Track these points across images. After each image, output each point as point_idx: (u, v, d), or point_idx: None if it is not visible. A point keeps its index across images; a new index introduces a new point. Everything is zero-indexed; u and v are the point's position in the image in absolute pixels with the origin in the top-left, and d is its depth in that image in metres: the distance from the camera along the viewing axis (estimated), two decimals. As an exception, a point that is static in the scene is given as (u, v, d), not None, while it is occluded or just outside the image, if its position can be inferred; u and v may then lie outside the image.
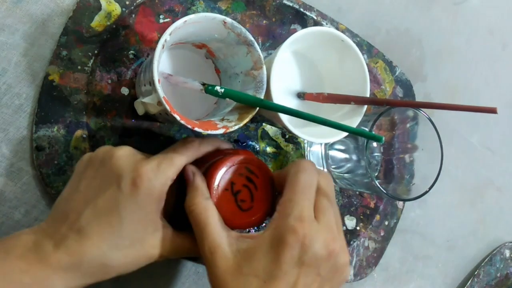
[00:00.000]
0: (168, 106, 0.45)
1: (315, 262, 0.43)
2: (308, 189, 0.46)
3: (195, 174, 0.48)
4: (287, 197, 0.45)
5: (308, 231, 0.42)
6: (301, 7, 0.67)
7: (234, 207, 0.49)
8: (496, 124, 0.86)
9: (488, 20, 0.86)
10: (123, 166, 0.44)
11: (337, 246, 0.44)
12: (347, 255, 0.46)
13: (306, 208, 0.44)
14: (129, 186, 0.43)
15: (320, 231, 0.44)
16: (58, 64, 0.53)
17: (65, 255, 0.42)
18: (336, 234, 0.45)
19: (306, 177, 0.46)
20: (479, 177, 0.85)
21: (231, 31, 0.50)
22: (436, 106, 0.52)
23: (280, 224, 0.43)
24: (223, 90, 0.49)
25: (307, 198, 0.45)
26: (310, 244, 0.42)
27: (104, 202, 0.44)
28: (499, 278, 0.84)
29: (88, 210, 0.44)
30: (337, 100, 0.57)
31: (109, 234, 0.43)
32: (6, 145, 0.52)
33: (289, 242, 0.42)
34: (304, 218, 0.43)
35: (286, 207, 0.44)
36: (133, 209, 0.44)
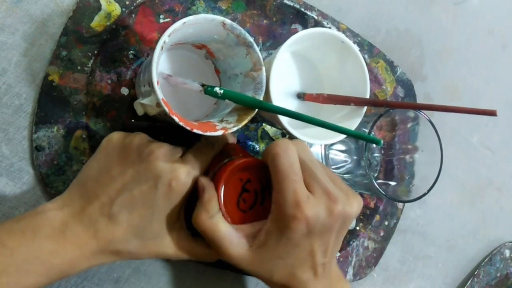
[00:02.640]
0: (167, 108, 0.45)
1: (325, 228, 0.46)
2: (291, 171, 0.46)
3: (204, 190, 0.48)
4: (275, 187, 0.46)
5: (308, 211, 0.44)
6: (301, 7, 0.67)
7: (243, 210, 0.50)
8: (496, 124, 0.86)
9: (488, 20, 0.86)
10: (162, 167, 0.47)
11: (339, 206, 0.46)
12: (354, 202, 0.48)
13: (297, 189, 0.45)
14: (166, 187, 0.46)
15: (319, 202, 0.46)
16: (58, 64, 0.53)
17: (94, 239, 0.45)
18: (336, 192, 0.47)
19: (284, 160, 0.46)
20: (479, 177, 0.85)
21: (230, 32, 0.50)
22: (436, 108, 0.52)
23: (280, 215, 0.46)
24: (223, 91, 0.48)
25: (293, 180, 0.45)
26: (315, 220, 0.45)
27: (140, 195, 0.46)
28: (499, 278, 0.85)
29: (122, 198, 0.46)
30: (337, 101, 0.57)
31: (138, 226, 0.46)
32: (6, 145, 0.52)
33: (294, 227, 0.45)
34: (299, 200, 0.45)
35: (279, 197, 0.46)
36: (164, 207, 0.48)
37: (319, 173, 0.47)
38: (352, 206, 0.48)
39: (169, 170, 0.47)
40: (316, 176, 0.47)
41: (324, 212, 0.45)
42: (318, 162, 0.49)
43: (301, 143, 0.49)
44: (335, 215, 0.46)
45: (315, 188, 0.46)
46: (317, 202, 0.45)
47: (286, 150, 0.46)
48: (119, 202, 0.46)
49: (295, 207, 0.44)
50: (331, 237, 0.47)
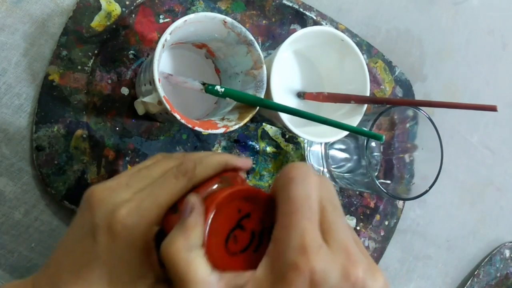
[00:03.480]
0: (169, 106, 0.45)
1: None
2: (306, 204, 0.33)
3: (192, 211, 0.34)
4: (280, 221, 0.33)
5: (315, 263, 0.31)
6: (300, 7, 0.67)
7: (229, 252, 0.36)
8: (496, 124, 0.86)
9: (488, 20, 0.86)
10: (97, 209, 0.36)
11: (360, 272, 0.32)
12: (379, 276, 0.34)
13: (309, 231, 0.32)
14: (105, 237, 0.35)
15: (334, 257, 0.32)
16: (58, 64, 0.53)
17: None
18: (357, 255, 0.33)
19: (300, 189, 0.33)
20: (479, 177, 0.85)
21: (231, 30, 0.50)
22: (437, 104, 0.52)
23: (277, 261, 0.32)
24: (223, 89, 0.49)
25: (306, 217, 0.33)
26: (322, 279, 0.31)
27: (81, 256, 0.36)
28: (499, 278, 0.84)
29: (66, 264, 0.37)
30: (337, 99, 0.57)
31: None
32: (6, 145, 0.52)
33: (291, 281, 0.31)
34: (307, 246, 0.31)
35: (281, 235, 0.33)
36: (114, 264, 0.36)
37: (341, 224, 0.34)
38: (376, 280, 0.33)
39: (105, 212, 0.36)
40: (337, 225, 0.34)
41: (337, 274, 0.31)
42: (341, 211, 0.36)
43: (326, 180, 0.36)
44: (351, 282, 0.32)
45: (332, 240, 0.33)
46: (331, 257, 0.32)
47: (306, 177, 0.34)
48: (63, 269, 0.37)
49: (300, 253, 0.31)
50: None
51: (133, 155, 0.57)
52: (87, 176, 0.54)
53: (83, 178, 0.54)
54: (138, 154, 0.57)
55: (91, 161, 0.54)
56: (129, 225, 0.35)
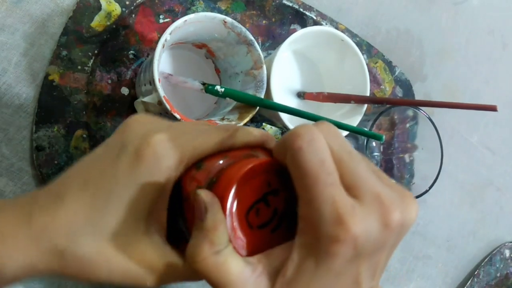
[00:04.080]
0: (169, 106, 0.45)
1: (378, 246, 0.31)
2: (323, 171, 0.30)
3: (207, 209, 0.31)
4: (303, 197, 0.31)
5: (356, 228, 0.29)
6: (300, 7, 0.67)
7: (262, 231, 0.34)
8: (496, 124, 0.86)
9: (488, 20, 0.86)
10: (131, 129, 0.35)
11: (396, 214, 0.31)
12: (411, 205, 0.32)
13: (336, 198, 0.30)
14: (130, 157, 0.33)
15: (369, 212, 0.30)
16: (58, 64, 0.53)
17: (26, 225, 0.32)
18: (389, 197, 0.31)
19: (310, 157, 0.30)
20: (479, 177, 0.85)
21: (231, 30, 0.50)
22: (437, 104, 0.52)
23: (313, 238, 0.30)
24: (224, 89, 0.49)
25: (328, 183, 0.30)
26: (365, 239, 0.30)
27: (98, 169, 0.34)
28: (499, 278, 0.84)
29: (77, 178, 0.34)
30: (337, 99, 0.57)
31: (89, 212, 0.32)
32: (6, 145, 0.52)
33: (337, 252, 0.30)
34: (341, 214, 0.29)
35: (310, 211, 0.30)
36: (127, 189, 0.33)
37: (363, 169, 0.32)
38: (411, 211, 0.32)
39: (140, 135, 0.34)
40: (359, 173, 0.31)
41: (377, 226, 0.30)
42: (356, 152, 0.33)
43: (329, 127, 0.33)
44: (392, 228, 0.31)
45: (361, 192, 0.31)
46: (367, 212, 0.30)
47: (312, 141, 0.31)
48: (72, 179, 0.34)
49: (337, 223, 0.29)
50: (382, 256, 0.33)
51: (133, 155, 0.57)
52: (87, 176, 0.54)
53: (83, 178, 0.54)
54: (138, 154, 0.57)
55: (91, 161, 0.54)
56: (158, 153, 0.33)
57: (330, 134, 0.32)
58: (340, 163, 0.31)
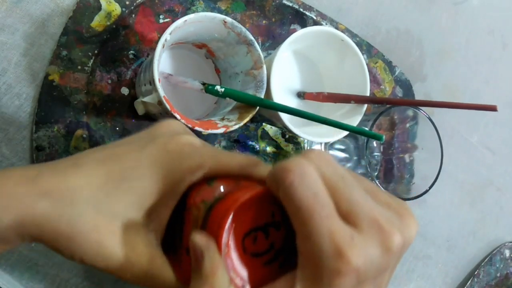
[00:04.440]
0: (169, 106, 0.45)
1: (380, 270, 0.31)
2: (317, 203, 0.30)
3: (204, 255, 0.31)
4: (300, 231, 0.30)
5: (356, 259, 0.29)
6: (300, 7, 0.67)
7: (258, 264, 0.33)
8: (496, 124, 0.86)
9: (488, 20, 0.86)
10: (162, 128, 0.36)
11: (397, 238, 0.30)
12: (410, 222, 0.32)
13: (333, 229, 0.29)
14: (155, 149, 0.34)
15: (369, 240, 0.30)
16: (58, 64, 0.53)
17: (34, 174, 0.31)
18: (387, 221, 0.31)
19: (303, 191, 0.30)
20: (479, 177, 0.85)
21: (231, 30, 0.50)
22: (437, 104, 0.52)
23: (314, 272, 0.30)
24: (224, 89, 0.49)
25: (323, 216, 0.29)
26: (367, 267, 0.29)
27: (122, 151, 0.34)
28: (499, 278, 0.84)
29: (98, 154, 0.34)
30: (337, 99, 0.57)
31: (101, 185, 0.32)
32: (6, 145, 0.52)
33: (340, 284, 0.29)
34: (340, 247, 0.29)
35: (308, 246, 0.30)
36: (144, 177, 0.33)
37: (357, 194, 0.31)
38: (410, 230, 0.31)
39: (171, 132, 0.35)
40: (354, 199, 0.31)
41: (378, 252, 0.30)
42: (350, 176, 0.32)
43: (319, 155, 0.32)
44: (393, 251, 0.30)
45: (358, 219, 0.30)
46: (366, 240, 0.30)
47: (303, 175, 0.30)
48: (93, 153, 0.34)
49: (337, 256, 0.29)
50: (385, 277, 0.32)
51: (133, 155, 0.57)
52: (87, 176, 0.54)
53: (83, 178, 0.54)
54: (138, 154, 0.57)
55: (91, 161, 0.54)
56: (184, 152, 0.34)
57: (322, 162, 0.31)
58: (334, 190, 0.31)
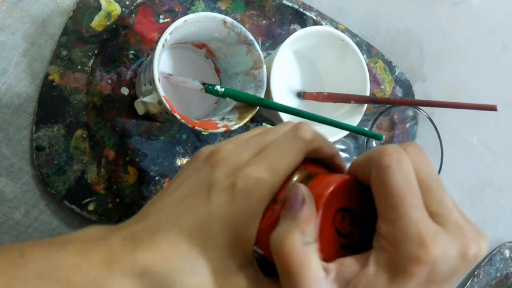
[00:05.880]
0: (169, 105, 0.45)
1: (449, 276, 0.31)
2: (409, 192, 0.31)
3: (305, 201, 0.32)
4: (386, 215, 0.31)
5: (437, 252, 0.30)
6: (300, 7, 0.67)
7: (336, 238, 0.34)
8: (496, 124, 0.86)
9: (488, 20, 0.86)
10: (218, 167, 0.35)
11: (474, 248, 0.31)
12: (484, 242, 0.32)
13: (421, 220, 0.30)
14: (222, 196, 0.34)
15: (451, 240, 0.31)
16: (58, 64, 0.53)
17: (132, 258, 0.32)
18: (470, 231, 0.31)
19: (399, 177, 0.31)
20: (479, 177, 0.85)
21: (231, 30, 0.50)
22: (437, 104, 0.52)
23: (393, 256, 0.31)
24: (224, 89, 0.49)
25: (414, 205, 0.31)
26: (442, 265, 0.30)
27: (190, 210, 0.34)
28: (499, 278, 0.84)
29: (171, 214, 0.35)
30: (337, 99, 0.57)
31: (187, 251, 0.33)
32: (6, 145, 0.52)
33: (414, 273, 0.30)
34: (425, 237, 0.30)
35: (391, 230, 0.31)
36: (223, 226, 0.33)
37: (449, 199, 0.32)
38: (483, 247, 0.32)
39: (229, 171, 0.35)
40: (445, 203, 0.32)
41: (456, 255, 0.30)
42: (440, 179, 0.33)
43: (419, 151, 0.33)
44: (468, 260, 0.31)
45: (446, 221, 0.31)
46: (449, 240, 0.30)
47: (401, 161, 0.31)
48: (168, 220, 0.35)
49: (420, 245, 0.29)
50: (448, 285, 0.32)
51: (133, 155, 0.57)
52: (87, 176, 0.54)
53: (83, 178, 0.54)
54: (138, 154, 0.57)
55: (91, 161, 0.54)
56: (250, 189, 0.33)
57: (420, 158, 0.32)
58: (427, 189, 0.31)
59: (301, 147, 0.36)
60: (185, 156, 0.59)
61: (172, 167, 0.59)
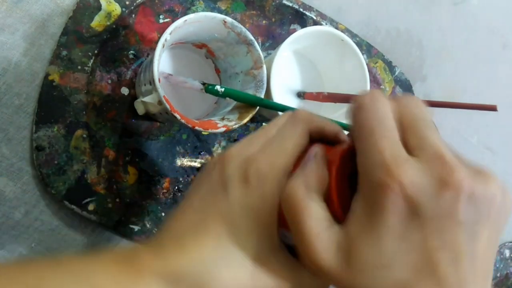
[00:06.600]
0: (169, 105, 0.45)
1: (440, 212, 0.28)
2: (379, 126, 0.30)
3: (316, 157, 0.34)
4: (359, 148, 0.31)
5: (402, 176, 0.28)
6: (300, 7, 0.67)
7: None
8: (496, 124, 0.86)
9: (488, 20, 0.86)
10: (229, 163, 0.36)
11: (461, 174, 0.28)
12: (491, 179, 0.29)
13: (388, 147, 0.29)
14: (239, 188, 0.34)
15: (425, 167, 0.28)
16: (58, 64, 0.53)
17: (162, 263, 0.33)
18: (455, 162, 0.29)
19: (369, 114, 0.31)
20: (479, 177, 0.85)
21: (231, 30, 0.50)
22: (437, 104, 0.52)
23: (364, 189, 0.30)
24: (224, 89, 0.49)
25: (382, 136, 0.30)
26: (417, 193, 0.28)
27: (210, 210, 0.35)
28: (499, 278, 0.84)
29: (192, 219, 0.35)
30: (337, 99, 0.57)
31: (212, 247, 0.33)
32: (6, 145, 0.52)
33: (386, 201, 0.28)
34: (388, 161, 0.28)
35: (363, 160, 0.30)
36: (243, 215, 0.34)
37: (432, 134, 0.30)
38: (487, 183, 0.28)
39: (238, 164, 0.35)
40: (426, 137, 0.30)
41: (432, 182, 0.28)
42: (434, 124, 0.32)
43: (407, 98, 0.33)
44: (454, 188, 0.27)
45: (421, 150, 0.29)
46: (421, 166, 0.28)
47: (374, 101, 0.31)
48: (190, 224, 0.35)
49: (382, 169, 0.28)
50: (456, 230, 0.28)
51: (133, 155, 0.57)
52: (87, 176, 0.54)
53: (83, 178, 0.54)
54: (138, 154, 0.57)
55: (91, 161, 0.54)
56: (263, 174, 0.34)
57: (411, 103, 0.32)
58: (409, 127, 0.31)
59: (303, 126, 0.36)
60: (185, 156, 0.59)
61: (172, 167, 0.59)
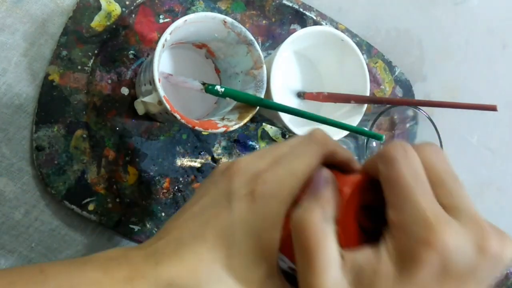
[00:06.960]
0: (169, 105, 0.45)
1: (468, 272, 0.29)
2: (416, 182, 0.30)
3: (328, 183, 0.33)
4: (392, 203, 0.31)
5: (447, 237, 0.28)
6: (300, 7, 0.67)
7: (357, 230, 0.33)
8: (496, 124, 0.86)
9: (488, 20, 0.86)
10: (236, 177, 0.35)
11: (494, 243, 0.29)
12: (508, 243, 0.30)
13: (429, 205, 0.29)
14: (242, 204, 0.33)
15: (466, 231, 0.29)
16: (58, 64, 0.53)
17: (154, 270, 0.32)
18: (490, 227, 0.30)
19: (403, 168, 0.30)
20: (479, 177, 0.85)
21: (231, 30, 0.50)
22: (436, 104, 0.52)
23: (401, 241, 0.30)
24: (224, 89, 0.49)
25: (421, 193, 0.30)
26: (455, 254, 0.28)
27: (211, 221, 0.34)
28: (499, 278, 0.84)
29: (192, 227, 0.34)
30: (337, 99, 0.57)
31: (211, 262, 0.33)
32: (6, 145, 0.52)
33: (424, 259, 0.28)
34: (432, 220, 0.29)
35: (399, 216, 0.30)
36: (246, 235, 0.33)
37: (466, 195, 0.31)
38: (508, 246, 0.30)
39: (245, 179, 0.34)
40: (459, 195, 0.31)
41: (471, 247, 0.29)
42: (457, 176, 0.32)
43: (434, 148, 0.33)
44: (488, 255, 0.29)
45: (459, 212, 0.30)
46: (463, 230, 0.29)
47: (406, 153, 0.31)
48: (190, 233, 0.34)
49: (426, 227, 0.28)
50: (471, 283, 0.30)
51: (133, 155, 0.57)
52: (87, 176, 0.54)
53: (83, 178, 0.54)
54: (138, 154, 0.57)
55: (91, 161, 0.54)
56: (269, 194, 0.33)
57: (435, 155, 0.32)
58: (440, 183, 0.31)
59: (317, 149, 0.35)
60: (185, 156, 0.59)
61: (172, 167, 0.59)
